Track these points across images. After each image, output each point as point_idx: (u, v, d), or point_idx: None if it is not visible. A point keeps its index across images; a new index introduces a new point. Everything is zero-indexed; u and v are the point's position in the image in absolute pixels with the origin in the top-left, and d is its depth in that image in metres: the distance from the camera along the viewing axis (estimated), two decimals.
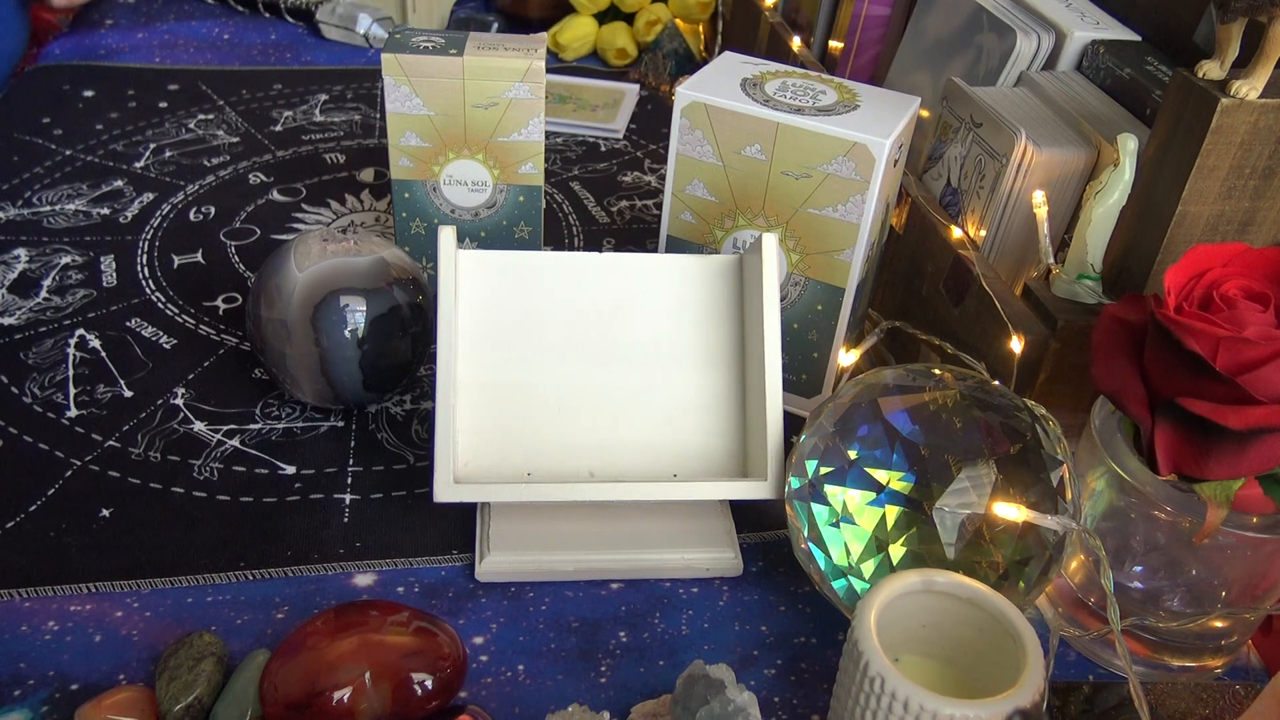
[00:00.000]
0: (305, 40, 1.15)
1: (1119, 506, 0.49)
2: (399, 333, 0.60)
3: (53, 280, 0.74)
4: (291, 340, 0.59)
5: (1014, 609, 0.43)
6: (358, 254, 0.60)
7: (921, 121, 0.68)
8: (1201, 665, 0.52)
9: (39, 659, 0.48)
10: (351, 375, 0.60)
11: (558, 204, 0.88)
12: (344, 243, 0.61)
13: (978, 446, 0.49)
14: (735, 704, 0.42)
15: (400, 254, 0.62)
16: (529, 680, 0.49)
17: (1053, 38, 0.70)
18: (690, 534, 0.56)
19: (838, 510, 0.50)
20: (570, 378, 0.57)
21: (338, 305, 0.58)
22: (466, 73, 0.67)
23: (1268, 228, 0.56)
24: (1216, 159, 0.52)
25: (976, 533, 0.48)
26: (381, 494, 0.59)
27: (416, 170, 0.71)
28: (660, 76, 1.10)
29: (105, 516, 0.56)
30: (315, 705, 0.43)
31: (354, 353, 0.59)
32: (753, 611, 0.54)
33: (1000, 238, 0.64)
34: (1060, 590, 0.54)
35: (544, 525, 0.56)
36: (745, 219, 0.62)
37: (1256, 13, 0.49)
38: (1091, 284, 0.58)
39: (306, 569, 0.54)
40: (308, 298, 0.58)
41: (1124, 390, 0.47)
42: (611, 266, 0.58)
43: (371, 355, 0.59)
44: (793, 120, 0.58)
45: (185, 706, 0.45)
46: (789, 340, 0.64)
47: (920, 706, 0.39)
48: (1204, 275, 0.46)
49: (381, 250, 0.61)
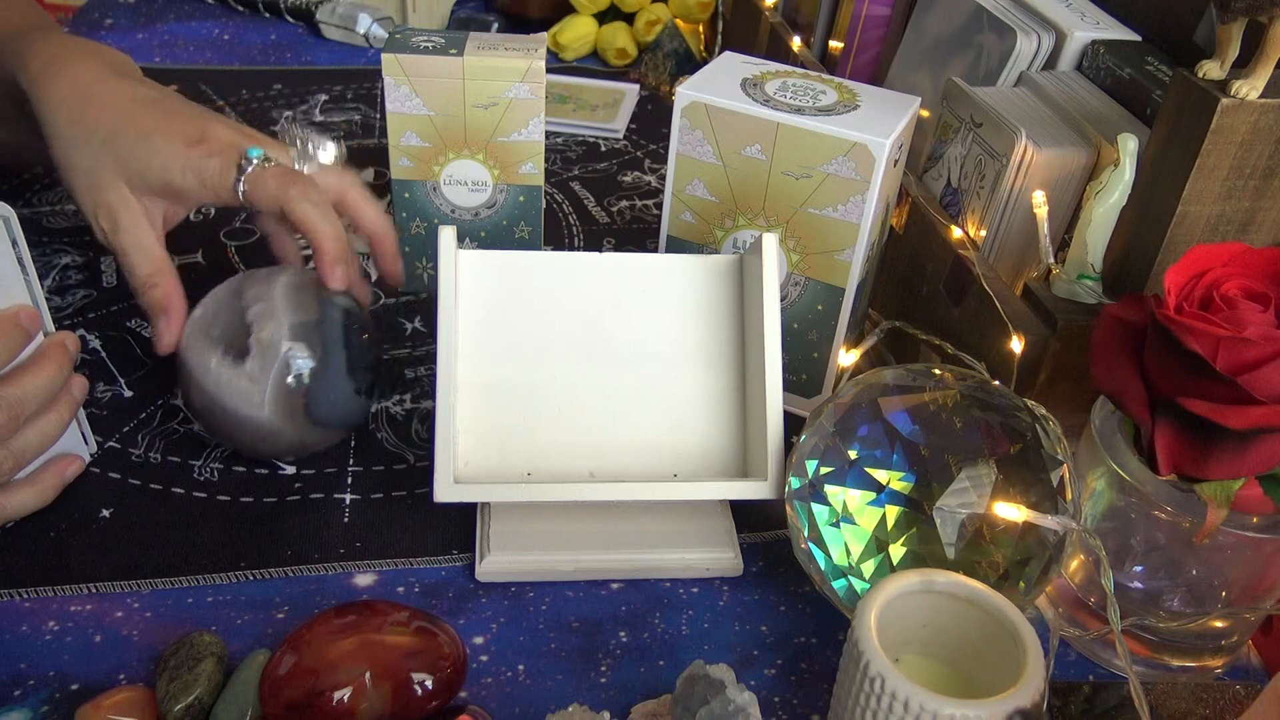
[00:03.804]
0: (305, 40, 1.15)
1: (1119, 506, 0.49)
2: (356, 346, 0.57)
3: (53, 280, 0.74)
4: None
5: (1014, 609, 0.43)
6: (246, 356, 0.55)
7: (921, 121, 0.68)
8: (1201, 665, 0.52)
9: (39, 659, 0.48)
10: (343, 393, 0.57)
11: (558, 204, 0.88)
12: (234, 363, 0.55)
13: (978, 446, 0.49)
14: (735, 704, 0.42)
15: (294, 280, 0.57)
16: (529, 680, 0.49)
17: (1053, 38, 0.70)
18: (690, 534, 0.56)
19: (838, 510, 0.50)
20: (570, 378, 0.57)
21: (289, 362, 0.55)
22: (466, 73, 0.67)
23: (1268, 228, 0.56)
24: (1216, 159, 0.52)
25: (976, 533, 0.48)
26: (381, 494, 0.59)
27: (416, 170, 0.71)
28: (660, 76, 1.10)
29: (105, 516, 0.56)
30: (315, 705, 0.43)
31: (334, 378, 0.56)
32: (753, 611, 0.54)
33: (1000, 238, 0.64)
34: (1060, 590, 0.54)
35: (544, 525, 0.56)
36: (745, 219, 0.62)
37: (1256, 13, 0.49)
38: (1091, 284, 0.58)
39: (306, 569, 0.54)
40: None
41: (1124, 390, 0.47)
42: (611, 266, 0.58)
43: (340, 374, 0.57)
44: (793, 120, 0.58)
45: (185, 706, 0.45)
46: (789, 340, 0.64)
47: (920, 706, 0.39)
48: (1204, 275, 0.46)
49: (266, 332, 0.55)
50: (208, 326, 0.56)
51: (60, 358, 0.53)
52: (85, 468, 0.57)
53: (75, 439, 0.57)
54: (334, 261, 0.57)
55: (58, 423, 0.53)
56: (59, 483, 0.55)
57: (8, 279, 0.51)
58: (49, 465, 0.55)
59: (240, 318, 0.55)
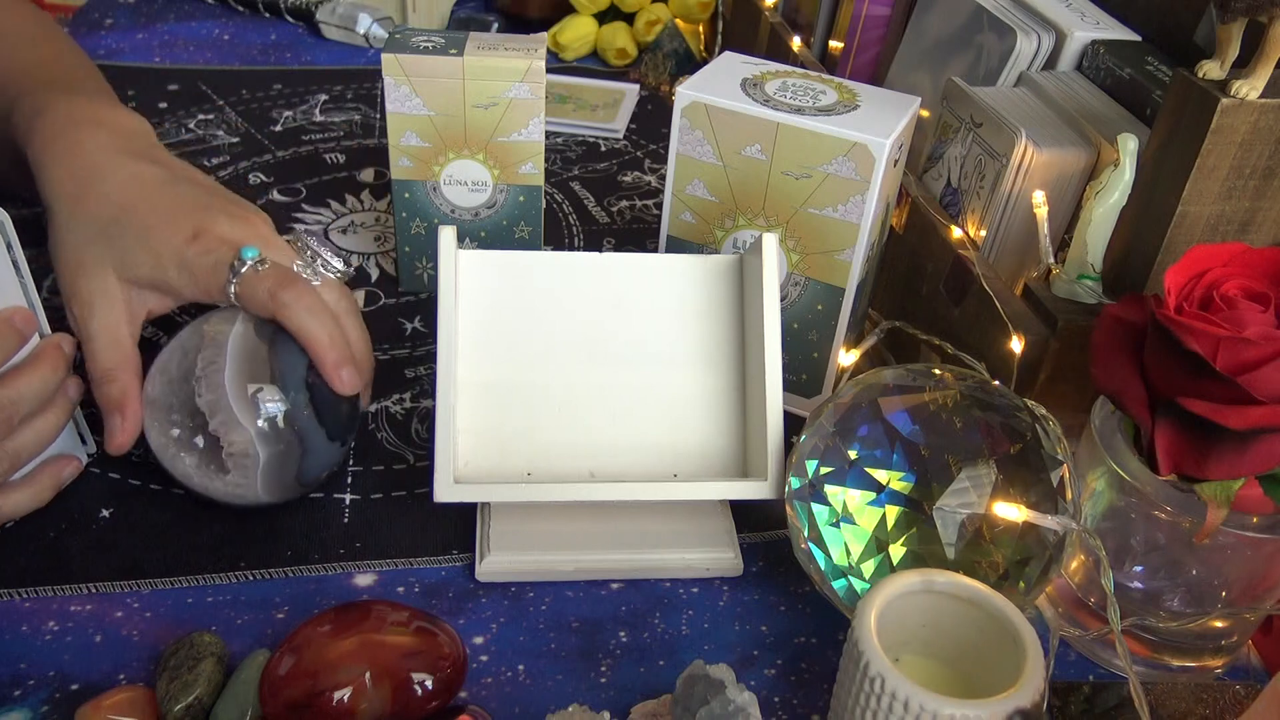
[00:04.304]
0: (305, 40, 1.15)
1: (1119, 506, 0.49)
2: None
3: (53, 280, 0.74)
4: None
5: (1014, 609, 0.43)
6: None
7: (921, 121, 0.68)
8: (1201, 665, 0.52)
9: (39, 659, 0.48)
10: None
11: (558, 204, 0.88)
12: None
13: (978, 446, 0.49)
14: (735, 704, 0.42)
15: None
16: (529, 680, 0.49)
17: (1053, 38, 0.70)
18: (690, 534, 0.56)
19: (838, 510, 0.50)
20: (570, 378, 0.57)
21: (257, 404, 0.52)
22: (466, 73, 0.67)
23: (1268, 228, 0.56)
24: (1216, 159, 0.52)
25: (976, 533, 0.48)
26: (381, 494, 0.59)
27: (416, 170, 0.71)
28: (660, 76, 1.10)
29: (105, 516, 0.56)
30: (315, 705, 0.43)
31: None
32: (753, 611, 0.54)
33: (1000, 238, 0.64)
34: (1060, 590, 0.54)
35: (544, 525, 0.56)
36: (745, 219, 0.62)
37: (1256, 13, 0.49)
38: (1091, 284, 0.58)
39: (306, 569, 0.54)
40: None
41: (1124, 390, 0.47)
42: (611, 266, 0.58)
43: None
44: (793, 120, 0.58)
45: (185, 706, 0.45)
46: (789, 340, 0.64)
47: (920, 706, 0.39)
48: (1204, 275, 0.46)
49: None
50: (168, 410, 0.53)
51: (55, 359, 0.53)
52: (83, 469, 0.57)
53: (72, 440, 0.57)
54: (336, 367, 0.54)
55: (53, 424, 0.53)
56: (55, 484, 0.55)
57: (2, 281, 0.51)
58: (45, 466, 0.55)
59: (193, 401, 0.52)
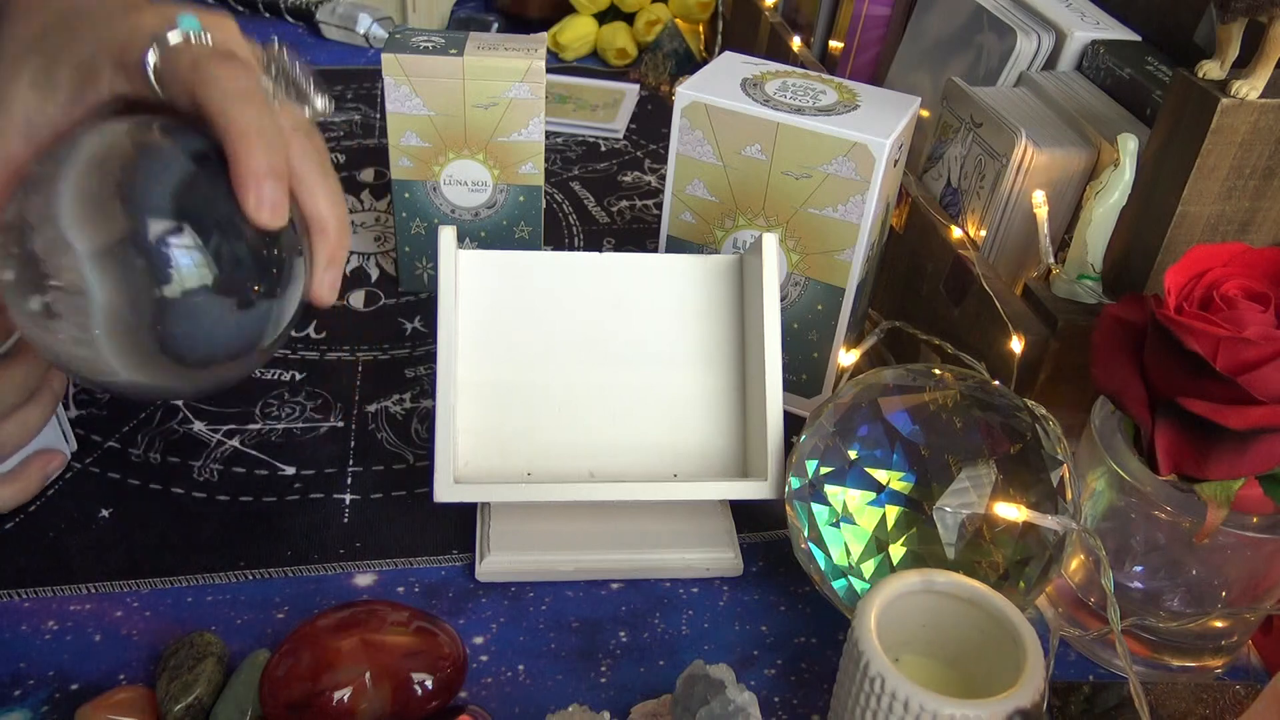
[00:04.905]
0: (305, 40, 1.15)
1: (1119, 506, 0.49)
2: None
3: None
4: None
5: (1014, 609, 0.43)
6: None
7: (921, 121, 0.69)
8: (1201, 665, 0.52)
9: (39, 659, 0.48)
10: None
11: (558, 204, 0.88)
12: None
13: (978, 446, 0.49)
14: (735, 704, 0.42)
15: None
16: (529, 680, 0.49)
17: (1053, 38, 0.70)
18: (690, 534, 0.56)
19: (838, 510, 0.50)
20: (570, 378, 0.57)
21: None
22: (466, 73, 0.67)
23: (1268, 228, 0.56)
24: (1216, 159, 0.52)
25: (976, 533, 0.48)
26: (381, 494, 0.59)
27: (416, 170, 0.71)
28: (660, 76, 1.10)
29: (105, 516, 0.56)
30: (315, 705, 0.43)
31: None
32: (753, 611, 0.54)
33: (1000, 238, 0.64)
34: (1060, 590, 0.54)
35: (544, 525, 0.56)
36: (745, 219, 0.62)
37: (1256, 13, 0.49)
38: (1091, 284, 0.58)
39: (306, 569, 0.54)
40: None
41: (1124, 390, 0.47)
42: (611, 266, 0.58)
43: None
44: (793, 120, 0.58)
45: (185, 706, 0.45)
46: (789, 340, 0.64)
47: (920, 706, 0.39)
48: (1204, 275, 0.46)
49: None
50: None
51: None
52: (67, 463, 0.57)
53: (56, 435, 0.57)
54: (254, 176, 0.38)
55: (39, 415, 0.52)
56: (41, 477, 0.55)
57: None
58: (31, 460, 0.54)
59: (22, 219, 0.39)
